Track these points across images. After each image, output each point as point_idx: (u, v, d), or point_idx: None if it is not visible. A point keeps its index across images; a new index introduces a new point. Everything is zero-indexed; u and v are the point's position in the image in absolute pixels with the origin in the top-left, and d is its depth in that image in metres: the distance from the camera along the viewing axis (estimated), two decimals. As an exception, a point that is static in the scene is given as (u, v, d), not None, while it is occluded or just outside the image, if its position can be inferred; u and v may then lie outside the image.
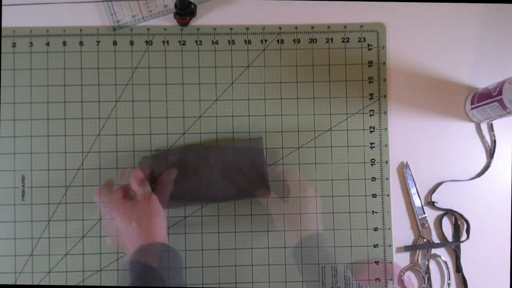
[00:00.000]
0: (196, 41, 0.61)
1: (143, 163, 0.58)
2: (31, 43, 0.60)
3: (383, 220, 0.60)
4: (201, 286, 0.58)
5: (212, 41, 0.61)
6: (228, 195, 0.57)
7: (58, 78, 0.59)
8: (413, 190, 0.60)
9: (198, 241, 0.59)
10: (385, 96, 0.61)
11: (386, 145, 0.60)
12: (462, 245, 0.60)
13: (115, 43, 0.60)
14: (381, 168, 0.60)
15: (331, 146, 0.60)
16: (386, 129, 0.61)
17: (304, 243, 0.57)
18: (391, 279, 0.58)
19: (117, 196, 0.54)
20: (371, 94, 0.61)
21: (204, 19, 0.61)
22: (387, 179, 0.60)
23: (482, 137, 0.61)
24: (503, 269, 0.60)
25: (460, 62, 0.62)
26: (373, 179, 0.60)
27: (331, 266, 0.59)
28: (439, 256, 0.60)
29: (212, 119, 0.60)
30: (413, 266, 0.59)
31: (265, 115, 0.60)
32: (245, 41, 0.61)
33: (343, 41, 0.61)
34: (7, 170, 0.59)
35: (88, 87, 0.60)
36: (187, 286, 0.58)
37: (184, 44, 0.60)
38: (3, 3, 0.59)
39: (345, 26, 0.61)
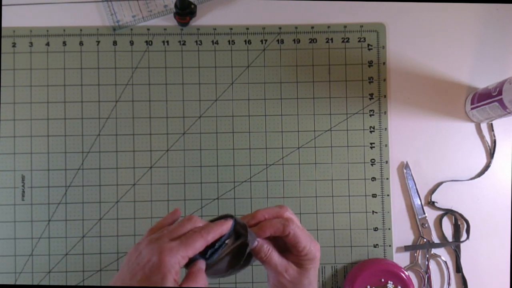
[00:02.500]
0: (196, 41, 0.61)
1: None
2: (31, 43, 0.60)
3: (383, 220, 0.60)
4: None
5: (212, 41, 0.61)
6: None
7: (58, 78, 0.59)
8: (413, 190, 0.60)
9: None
10: (385, 96, 0.61)
11: (386, 145, 0.60)
12: (462, 245, 0.60)
13: (115, 43, 0.60)
14: (381, 168, 0.60)
15: (331, 146, 0.60)
16: (386, 129, 0.61)
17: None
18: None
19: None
20: (371, 94, 0.61)
21: (204, 19, 0.61)
22: (387, 179, 0.60)
23: (482, 137, 0.61)
24: (503, 269, 0.60)
25: (460, 62, 0.61)
26: (373, 179, 0.60)
27: (331, 266, 0.59)
28: (439, 256, 0.60)
29: (212, 119, 0.60)
30: (413, 266, 0.59)
31: (265, 115, 0.60)
32: (245, 41, 0.61)
33: (343, 41, 0.61)
34: (7, 170, 0.59)
35: (88, 87, 0.60)
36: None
37: (184, 44, 0.60)
38: (3, 3, 0.59)
39: (345, 26, 0.61)
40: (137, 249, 0.39)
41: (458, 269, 0.60)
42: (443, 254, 0.60)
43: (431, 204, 0.60)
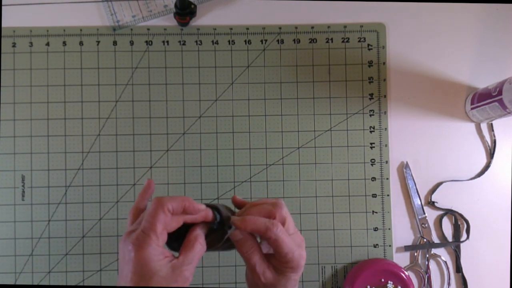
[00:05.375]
0: (196, 41, 0.61)
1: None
2: (31, 43, 0.60)
3: (383, 220, 0.60)
4: (201, 286, 0.58)
5: (212, 41, 0.61)
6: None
7: (58, 78, 0.59)
8: (413, 190, 0.60)
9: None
10: (385, 96, 0.61)
11: (386, 145, 0.60)
12: (462, 245, 0.60)
13: (115, 43, 0.60)
14: (381, 168, 0.60)
15: (331, 146, 0.60)
16: (386, 129, 0.61)
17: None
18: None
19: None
20: (371, 94, 0.61)
21: (204, 19, 0.61)
22: (387, 179, 0.60)
23: (482, 137, 0.61)
24: (503, 269, 0.60)
25: (460, 62, 0.61)
26: (373, 179, 0.60)
27: (331, 266, 0.59)
28: (439, 256, 0.60)
29: (212, 119, 0.60)
30: (413, 266, 0.59)
31: (265, 115, 0.60)
32: (245, 41, 0.61)
33: (343, 41, 0.61)
34: (7, 170, 0.59)
35: (88, 87, 0.60)
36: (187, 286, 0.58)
37: (184, 44, 0.60)
38: (3, 3, 0.59)
39: (345, 26, 0.61)
40: (120, 248, 0.39)
41: (458, 269, 0.60)
42: (443, 254, 0.60)
43: (431, 204, 0.60)
